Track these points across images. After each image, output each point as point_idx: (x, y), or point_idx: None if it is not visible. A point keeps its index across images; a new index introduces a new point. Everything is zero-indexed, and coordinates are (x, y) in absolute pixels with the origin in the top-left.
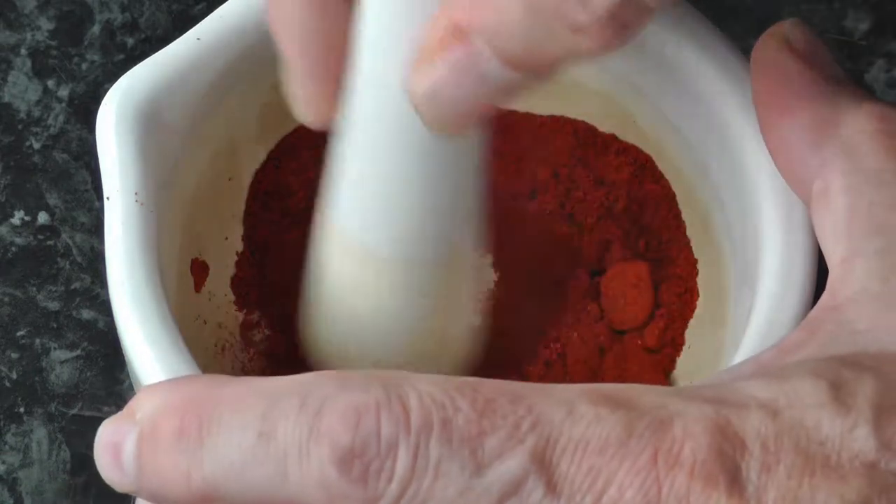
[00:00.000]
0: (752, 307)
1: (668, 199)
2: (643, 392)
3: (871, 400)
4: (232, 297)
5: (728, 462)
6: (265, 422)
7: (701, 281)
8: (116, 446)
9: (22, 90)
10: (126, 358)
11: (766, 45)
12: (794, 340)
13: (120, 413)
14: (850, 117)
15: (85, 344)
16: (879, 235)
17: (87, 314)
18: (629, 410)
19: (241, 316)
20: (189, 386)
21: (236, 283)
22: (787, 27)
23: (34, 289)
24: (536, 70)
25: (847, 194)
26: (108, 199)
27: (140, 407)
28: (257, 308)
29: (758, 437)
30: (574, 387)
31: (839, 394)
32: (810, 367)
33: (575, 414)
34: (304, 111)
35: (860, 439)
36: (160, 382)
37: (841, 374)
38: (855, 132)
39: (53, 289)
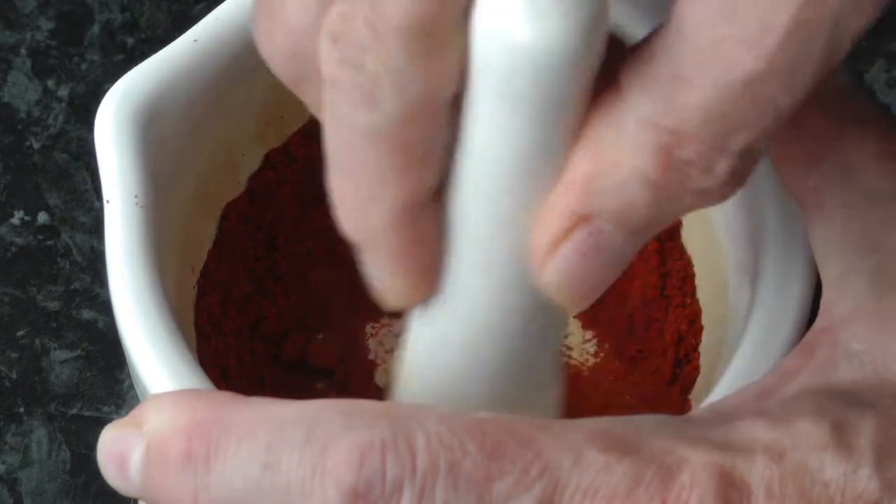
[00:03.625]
0: (751, 307)
1: None
2: (652, 435)
3: (873, 440)
4: None
5: None
6: (270, 453)
7: (700, 281)
8: (122, 457)
9: (22, 90)
10: (128, 360)
11: None
12: (792, 363)
13: (125, 420)
14: (852, 134)
15: (85, 344)
16: (873, 254)
17: (87, 314)
18: (637, 457)
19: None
20: (197, 405)
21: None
22: None
23: (34, 289)
24: (658, 231)
25: (842, 211)
26: (107, 202)
27: (147, 419)
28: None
29: (763, 482)
30: (584, 428)
31: (841, 435)
32: (813, 407)
33: (583, 461)
34: (393, 300)
35: (863, 480)
36: (167, 394)
37: (842, 413)
38: (855, 150)
39: (53, 289)
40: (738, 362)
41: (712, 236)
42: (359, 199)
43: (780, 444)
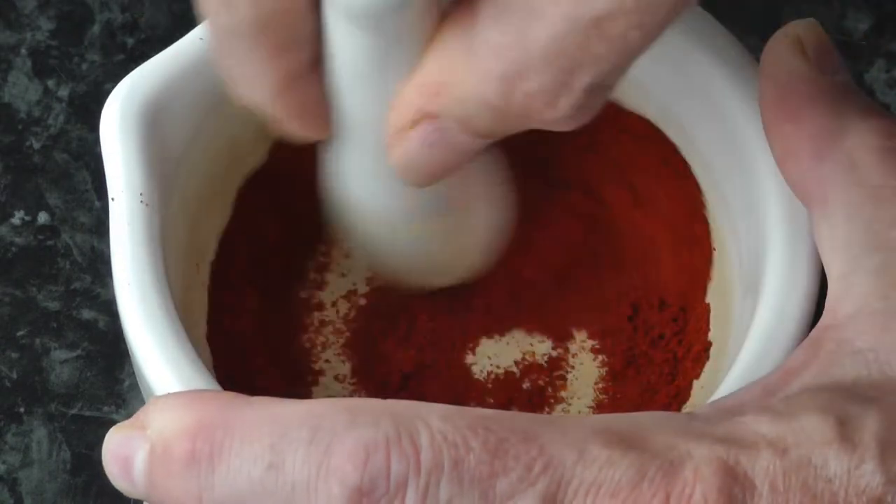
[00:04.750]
0: (756, 304)
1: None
2: (655, 431)
3: (877, 435)
4: None
5: None
6: (274, 454)
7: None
8: (126, 459)
9: (22, 90)
10: (132, 358)
11: (778, 46)
12: (797, 361)
13: (129, 422)
14: (854, 130)
15: (85, 344)
16: (878, 252)
17: (87, 314)
18: (641, 452)
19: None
20: (201, 406)
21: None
22: (800, 28)
23: (34, 289)
24: (502, 137)
25: (846, 209)
26: (112, 199)
27: (151, 421)
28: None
29: (766, 477)
30: (587, 424)
31: (845, 430)
32: (817, 402)
33: (587, 456)
34: (298, 139)
35: (867, 475)
36: (170, 396)
37: (847, 408)
38: (858, 146)
39: (53, 289)
40: (742, 360)
41: (717, 235)
42: (241, 79)
43: (784, 440)
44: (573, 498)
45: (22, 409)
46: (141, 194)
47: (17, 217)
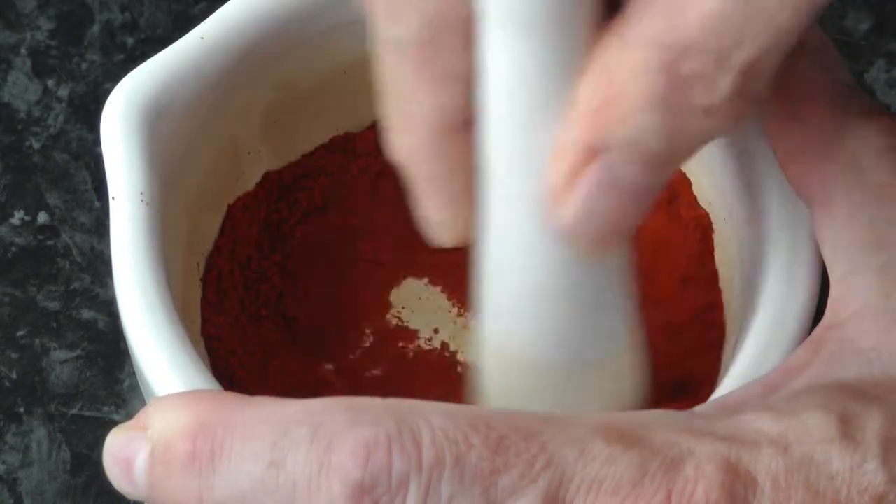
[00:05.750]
0: (757, 303)
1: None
2: (657, 428)
3: (879, 433)
4: None
5: (739, 502)
6: (275, 452)
7: None
8: (128, 461)
9: (22, 90)
10: (132, 357)
11: None
12: (798, 360)
13: (130, 423)
14: (856, 130)
15: (85, 344)
16: (881, 251)
17: (87, 314)
18: (643, 449)
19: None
20: (201, 406)
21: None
22: None
23: (34, 289)
24: (676, 164)
25: (849, 209)
26: (113, 199)
27: (151, 422)
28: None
29: (768, 475)
30: (588, 422)
31: (848, 428)
32: (819, 400)
33: (588, 453)
34: (439, 234)
35: (869, 473)
36: (171, 396)
37: (849, 406)
38: (860, 146)
39: (53, 289)
40: (742, 360)
41: (718, 239)
42: (398, 119)
43: (786, 437)
44: (575, 495)
45: (22, 409)
46: (141, 193)
47: (17, 217)
